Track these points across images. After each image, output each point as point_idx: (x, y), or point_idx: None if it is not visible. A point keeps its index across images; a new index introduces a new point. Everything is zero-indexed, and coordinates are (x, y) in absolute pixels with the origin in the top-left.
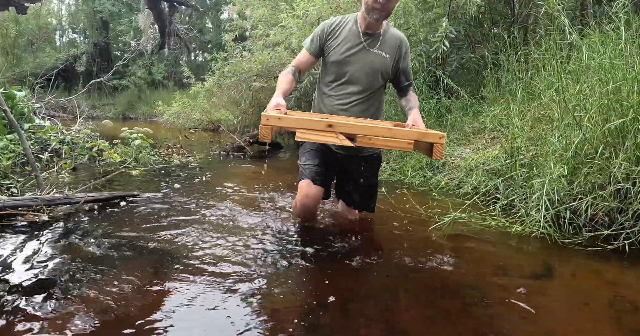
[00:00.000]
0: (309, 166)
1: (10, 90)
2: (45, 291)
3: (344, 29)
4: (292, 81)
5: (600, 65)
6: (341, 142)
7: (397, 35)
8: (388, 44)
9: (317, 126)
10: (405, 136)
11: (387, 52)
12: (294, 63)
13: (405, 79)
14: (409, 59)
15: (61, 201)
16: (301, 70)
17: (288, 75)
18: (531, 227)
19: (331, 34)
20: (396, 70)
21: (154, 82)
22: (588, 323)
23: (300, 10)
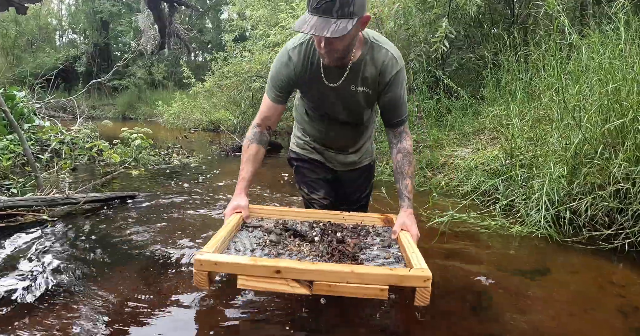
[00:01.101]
0: (316, 201)
1: (10, 91)
2: (45, 291)
3: (308, 67)
4: (258, 156)
5: (600, 66)
6: (293, 291)
7: (380, 60)
8: (366, 75)
9: (263, 272)
10: (377, 281)
11: (367, 86)
12: (259, 120)
13: (394, 114)
14: (400, 87)
15: (61, 201)
16: (271, 124)
17: (252, 147)
18: (531, 227)
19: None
20: (382, 104)
21: (154, 83)
22: (588, 323)
23: (300, 10)
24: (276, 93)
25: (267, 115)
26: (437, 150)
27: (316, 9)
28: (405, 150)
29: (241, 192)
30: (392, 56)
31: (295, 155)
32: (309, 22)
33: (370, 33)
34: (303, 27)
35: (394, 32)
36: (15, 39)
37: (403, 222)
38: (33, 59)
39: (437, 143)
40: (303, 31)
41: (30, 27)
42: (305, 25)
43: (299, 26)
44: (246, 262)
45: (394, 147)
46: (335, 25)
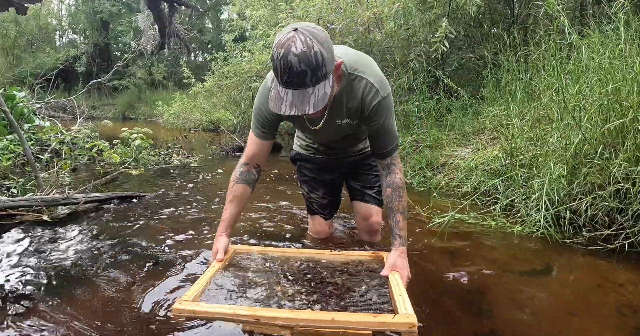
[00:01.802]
0: (314, 200)
1: (10, 91)
2: (45, 291)
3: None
4: (243, 197)
5: (600, 66)
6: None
7: (359, 92)
8: (349, 106)
9: (242, 319)
10: (361, 325)
11: (351, 117)
12: (246, 158)
13: (380, 145)
14: (384, 116)
15: (61, 201)
16: (259, 162)
17: (237, 188)
18: (531, 227)
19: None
20: (368, 132)
21: (154, 83)
22: (588, 323)
23: (300, 10)
24: (262, 130)
25: (255, 152)
26: (437, 150)
27: (288, 83)
28: (394, 184)
29: (221, 233)
30: (372, 86)
31: (298, 154)
32: (285, 100)
33: (349, 62)
34: (281, 107)
35: (393, 32)
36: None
37: (394, 263)
38: (33, 59)
39: (437, 143)
40: (283, 112)
41: (30, 27)
42: (282, 104)
43: (275, 106)
44: (225, 311)
45: (383, 180)
46: (314, 95)
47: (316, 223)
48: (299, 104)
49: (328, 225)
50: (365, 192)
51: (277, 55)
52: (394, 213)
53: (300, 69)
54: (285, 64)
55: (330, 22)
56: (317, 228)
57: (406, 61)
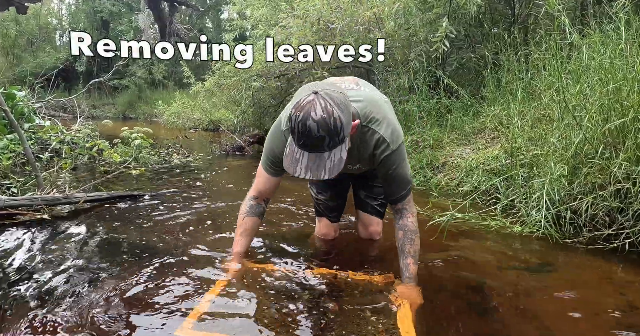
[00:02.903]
0: (322, 202)
1: (11, 90)
2: (44, 290)
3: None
4: (254, 230)
5: (601, 65)
6: None
7: (371, 144)
8: (361, 154)
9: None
10: None
11: (363, 164)
12: (255, 193)
13: (390, 192)
14: (393, 168)
15: (61, 201)
16: (268, 196)
17: (247, 221)
18: (531, 226)
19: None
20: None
21: (154, 82)
22: (588, 322)
23: (301, 10)
24: (274, 169)
25: (266, 188)
26: (437, 150)
27: (303, 145)
28: (406, 228)
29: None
30: (384, 140)
31: None
32: (300, 162)
33: (362, 111)
34: (296, 170)
35: (394, 32)
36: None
37: (402, 292)
38: (33, 59)
39: (437, 142)
40: (297, 175)
41: (31, 26)
42: (298, 166)
43: (290, 167)
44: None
45: (395, 223)
46: (330, 160)
47: (322, 226)
48: (315, 168)
49: (334, 228)
50: (367, 202)
51: (295, 118)
52: (404, 256)
53: (318, 134)
54: (304, 128)
55: (331, 22)
56: (323, 230)
57: (407, 61)
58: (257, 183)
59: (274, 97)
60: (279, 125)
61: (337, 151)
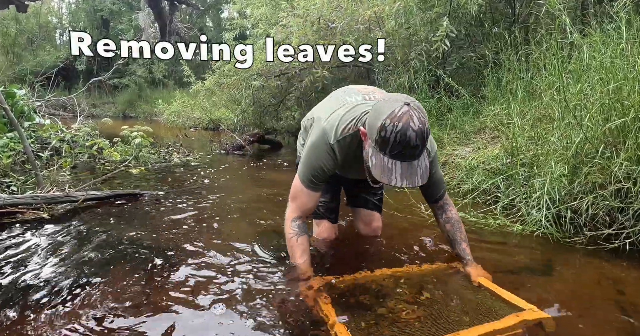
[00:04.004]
0: (322, 203)
1: (11, 89)
2: (43, 289)
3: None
4: (309, 244)
5: (601, 65)
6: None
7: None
8: None
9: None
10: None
11: None
12: (300, 213)
13: (432, 193)
14: (433, 171)
15: (61, 199)
16: (309, 214)
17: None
18: (532, 226)
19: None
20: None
21: (154, 81)
22: (589, 322)
23: (301, 9)
24: (319, 185)
25: (309, 206)
26: (437, 149)
27: (398, 155)
28: (452, 220)
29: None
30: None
31: None
32: (394, 171)
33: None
34: (392, 179)
35: (394, 31)
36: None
37: (473, 272)
38: (33, 57)
39: (437, 142)
40: (394, 184)
41: (31, 25)
42: (392, 175)
43: (384, 177)
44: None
45: (439, 219)
46: (419, 168)
47: (324, 228)
48: (409, 176)
49: (335, 229)
50: (368, 199)
51: (392, 128)
52: (458, 243)
53: (415, 143)
54: (403, 138)
55: (331, 21)
56: (325, 233)
57: (407, 60)
58: (300, 203)
59: (274, 96)
60: (324, 139)
61: (423, 158)
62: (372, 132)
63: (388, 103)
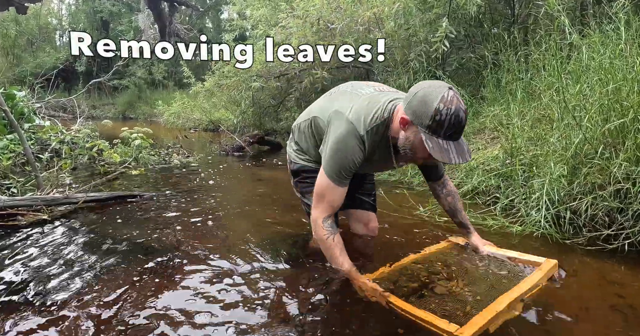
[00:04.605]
0: None
1: (10, 90)
2: (44, 291)
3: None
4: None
5: (600, 66)
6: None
7: None
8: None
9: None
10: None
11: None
12: (331, 211)
13: (437, 171)
14: None
15: (61, 201)
16: (338, 211)
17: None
18: (531, 227)
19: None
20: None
21: (154, 82)
22: (588, 323)
23: (301, 10)
24: (348, 178)
25: (339, 203)
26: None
27: (451, 135)
28: (452, 192)
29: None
30: None
31: (301, 166)
32: (450, 151)
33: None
34: (451, 158)
35: (394, 32)
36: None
37: (479, 241)
38: (33, 59)
39: None
40: (454, 162)
41: (31, 26)
42: (450, 155)
43: (444, 157)
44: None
45: (441, 194)
46: (464, 145)
47: None
48: (462, 154)
49: None
50: (364, 199)
51: (447, 112)
52: (459, 212)
53: (464, 123)
54: (456, 120)
55: (331, 22)
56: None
57: (406, 61)
58: (329, 201)
59: (273, 97)
60: (353, 131)
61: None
62: (423, 118)
63: (433, 89)
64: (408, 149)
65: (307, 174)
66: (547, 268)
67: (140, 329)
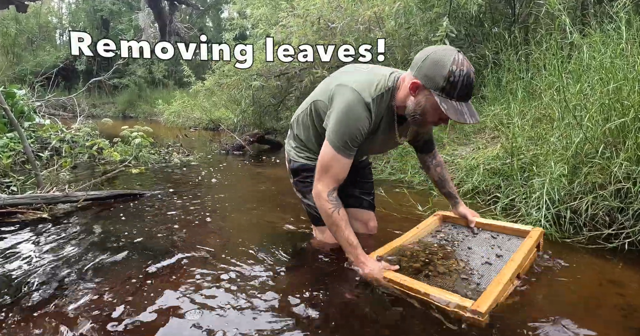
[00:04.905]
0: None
1: (11, 89)
2: (44, 290)
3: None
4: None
5: (601, 65)
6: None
7: None
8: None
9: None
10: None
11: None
12: (335, 184)
13: (431, 143)
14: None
15: (61, 199)
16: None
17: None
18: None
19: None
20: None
21: (154, 81)
22: (588, 322)
23: (301, 9)
24: (354, 151)
25: (343, 176)
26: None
27: (463, 96)
28: (441, 163)
29: (367, 258)
30: None
31: (302, 165)
32: (464, 111)
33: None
34: (466, 118)
35: (394, 31)
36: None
37: (471, 212)
38: (33, 58)
39: (437, 142)
40: (468, 122)
41: (31, 25)
42: (465, 115)
43: (460, 117)
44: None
45: (431, 165)
46: (472, 106)
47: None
48: (473, 114)
49: None
50: (364, 198)
51: (460, 73)
52: (447, 182)
53: (474, 84)
54: (469, 81)
55: (331, 21)
56: (327, 238)
57: (407, 60)
58: (334, 173)
59: (274, 96)
60: (359, 98)
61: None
62: (437, 81)
63: (444, 53)
64: (418, 114)
65: (308, 173)
66: (535, 236)
67: (141, 329)
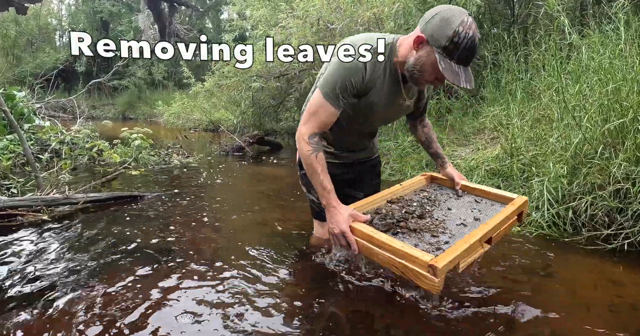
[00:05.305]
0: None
1: (10, 91)
2: (43, 291)
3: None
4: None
5: (600, 66)
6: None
7: None
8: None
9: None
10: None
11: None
12: (317, 129)
13: (424, 109)
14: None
15: (61, 201)
16: (325, 132)
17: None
18: (531, 226)
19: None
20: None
21: (154, 83)
22: (587, 323)
23: (300, 10)
24: (343, 101)
25: (328, 122)
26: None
27: (463, 60)
28: (428, 125)
29: (338, 203)
30: None
31: None
32: (460, 74)
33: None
34: (461, 81)
35: (394, 32)
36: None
37: (458, 174)
38: (33, 59)
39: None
40: (463, 85)
41: (30, 27)
42: (461, 78)
43: (456, 79)
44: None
45: (418, 126)
46: (471, 73)
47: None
48: (470, 80)
49: None
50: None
51: (465, 35)
52: (434, 142)
53: (477, 50)
54: (472, 45)
55: (331, 22)
56: (325, 234)
57: None
58: (320, 119)
59: (273, 98)
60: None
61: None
62: (441, 39)
63: (454, 13)
64: (417, 70)
65: None
66: (518, 204)
67: (141, 329)
